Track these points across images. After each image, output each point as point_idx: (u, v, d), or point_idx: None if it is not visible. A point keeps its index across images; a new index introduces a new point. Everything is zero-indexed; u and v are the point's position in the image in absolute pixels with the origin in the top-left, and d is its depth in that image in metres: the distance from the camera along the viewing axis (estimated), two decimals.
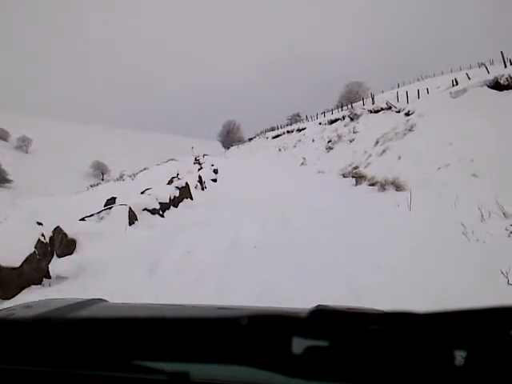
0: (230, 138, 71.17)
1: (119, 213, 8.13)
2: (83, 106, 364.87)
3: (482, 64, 23.24)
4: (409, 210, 7.56)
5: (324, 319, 0.60)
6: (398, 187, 9.70)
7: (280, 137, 43.14)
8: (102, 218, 8.06)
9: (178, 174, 17.25)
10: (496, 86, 14.51)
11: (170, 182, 12.37)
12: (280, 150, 35.16)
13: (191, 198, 11.04)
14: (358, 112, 25.24)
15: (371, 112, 24.19)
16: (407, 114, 19.72)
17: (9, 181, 64.66)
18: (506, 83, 14.17)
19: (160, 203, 9.71)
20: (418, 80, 49.77)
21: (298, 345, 0.56)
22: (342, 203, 9.44)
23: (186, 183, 11.17)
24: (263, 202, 10.71)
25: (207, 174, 18.30)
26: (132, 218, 8.37)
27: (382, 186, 10.13)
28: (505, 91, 14.03)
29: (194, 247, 6.62)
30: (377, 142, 18.33)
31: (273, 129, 57.36)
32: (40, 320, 0.85)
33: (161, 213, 9.62)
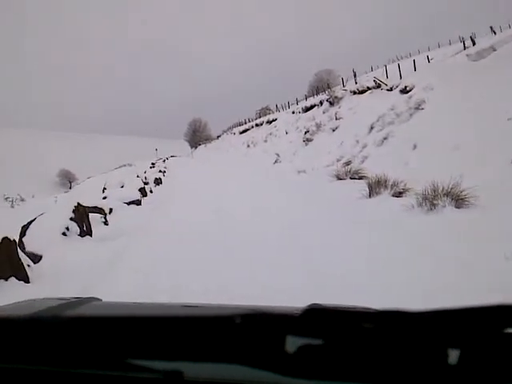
0: (197, 136, 66.82)
1: None
2: (44, 111, 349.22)
3: (473, 36, 19.27)
4: None
5: (317, 318, 0.59)
6: (462, 201, 5.20)
7: (248, 131, 38.43)
8: None
9: (104, 189, 12.77)
10: None
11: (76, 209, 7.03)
12: (249, 145, 30.44)
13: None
14: (339, 95, 20.88)
15: (355, 93, 19.83)
16: (404, 91, 15.46)
17: None
18: None
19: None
20: (406, 57, 44.11)
21: (292, 343, 0.56)
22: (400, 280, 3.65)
23: (84, 212, 6.74)
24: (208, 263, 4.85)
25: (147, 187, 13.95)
26: None
27: (428, 201, 5.53)
28: None
29: None
30: (371, 128, 13.95)
31: (240, 124, 52.18)
32: (33, 319, 0.83)
33: None
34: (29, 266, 4.64)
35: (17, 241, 4.63)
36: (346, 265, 4.12)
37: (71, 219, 6.37)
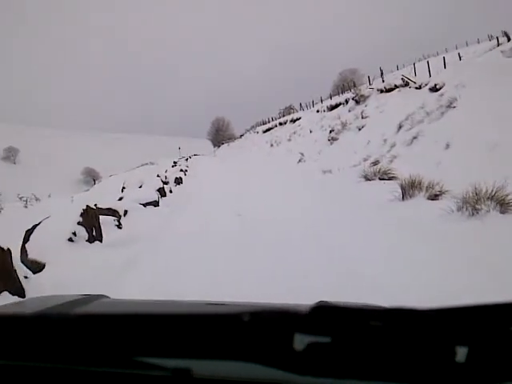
0: (220, 135, 66.86)
1: None
2: (71, 113, 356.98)
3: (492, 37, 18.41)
4: None
5: (326, 315, 0.59)
6: (507, 206, 4.86)
7: (271, 130, 37.98)
8: None
9: (123, 189, 12.57)
10: None
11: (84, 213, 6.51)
12: (272, 145, 30.12)
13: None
14: (365, 93, 20.41)
15: (382, 91, 19.32)
16: (434, 89, 14.96)
17: None
18: None
19: None
20: (433, 56, 42.44)
21: (300, 341, 0.56)
22: None
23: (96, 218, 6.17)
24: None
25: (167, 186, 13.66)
26: None
27: (470, 205, 5.05)
28: None
29: None
30: (400, 127, 13.54)
31: (264, 122, 51.80)
32: (42, 316, 0.83)
33: None
34: (26, 277, 4.15)
35: (12, 249, 3.95)
36: (392, 291, 3.25)
37: (79, 223, 5.83)
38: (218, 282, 4.02)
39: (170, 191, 13.79)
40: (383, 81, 22.00)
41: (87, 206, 6.07)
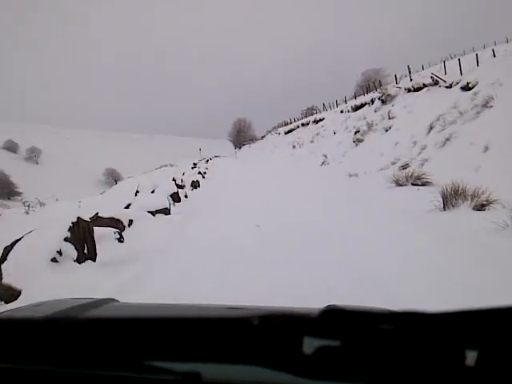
0: (241, 137, 66.27)
1: None
2: (93, 113, 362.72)
3: None
4: None
5: (335, 319, 0.58)
6: None
7: (294, 131, 37.31)
8: None
9: (137, 192, 12.04)
10: None
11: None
12: (294, 146, 29.54)
13: None
14: (392, 92, 19.63)
15: (410, 91, 18.53)
16: (466, 88, 14.19)
17: (18, 193, 61.37)
18: None
19: None
20: (461, 55, 40.46)
21: (309, 345, 0.55)
22: None
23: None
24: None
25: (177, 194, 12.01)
26: None
27: None
28: None
29: None
30: (430, 128, 12.85)
31: (286, 123, 51.03)
32: (51, 320, 0.84)
33: None
34: None
35: None
36: None
37: (66, 239, 4.82)
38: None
39: (186, 196, 12.97)
40: (411, 79, 21.13)
41: (78, 217, 5.18)
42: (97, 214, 6.27)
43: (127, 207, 8.42)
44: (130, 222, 7.09)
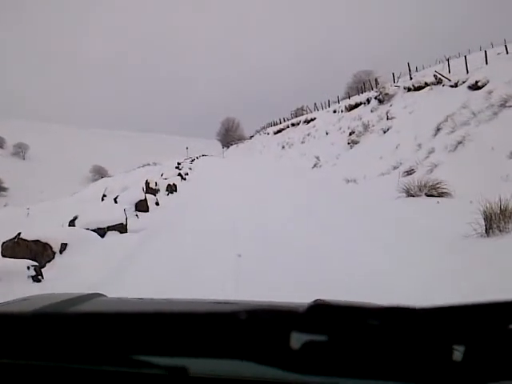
0: (229, 136, 64.77)
1: None
2: (81, 110, 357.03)
3: None
4: None
5: (322, 314, 0.58)
6: None
7: (283, 131, 35.85)
8: None
9: (103, 197, 10.54)
10: None
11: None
12: (283, 147, 28.05)
13: None
14: (390, 91, 18.26)
15: (410, 90, 17.18)
16: (475, 87, 12.84)
17: (4, 189, 63.62)
18: None
19: None
20: (463, 55, 39.38)
21: (297, 340, 0.55)
22: None
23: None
24: None
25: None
26: None
27: None
28: None
29: None
30: (437, 130, 11.42)
31: (275, 123, 49.45)
32: (38, 314, 0.83)
33: None
34: None
35: None
36: None
37: None
38: None
39: (157, 203, 10.83)
40: (411, 78, 19.76)
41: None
42: (19, 234, 4.61)
43: (74, 221, 6.55)
44: (64, 246, 5.21)
